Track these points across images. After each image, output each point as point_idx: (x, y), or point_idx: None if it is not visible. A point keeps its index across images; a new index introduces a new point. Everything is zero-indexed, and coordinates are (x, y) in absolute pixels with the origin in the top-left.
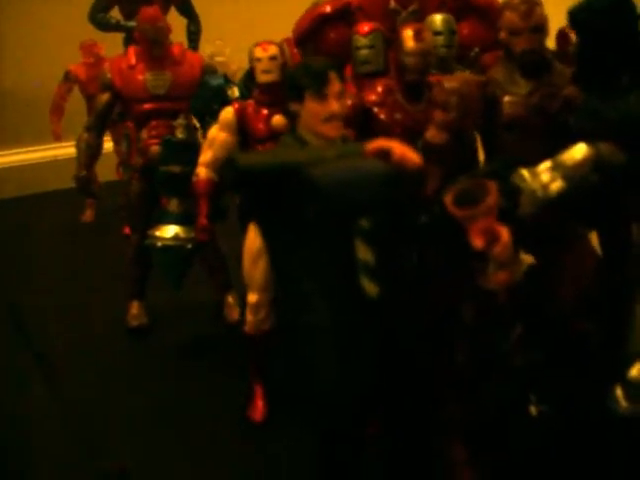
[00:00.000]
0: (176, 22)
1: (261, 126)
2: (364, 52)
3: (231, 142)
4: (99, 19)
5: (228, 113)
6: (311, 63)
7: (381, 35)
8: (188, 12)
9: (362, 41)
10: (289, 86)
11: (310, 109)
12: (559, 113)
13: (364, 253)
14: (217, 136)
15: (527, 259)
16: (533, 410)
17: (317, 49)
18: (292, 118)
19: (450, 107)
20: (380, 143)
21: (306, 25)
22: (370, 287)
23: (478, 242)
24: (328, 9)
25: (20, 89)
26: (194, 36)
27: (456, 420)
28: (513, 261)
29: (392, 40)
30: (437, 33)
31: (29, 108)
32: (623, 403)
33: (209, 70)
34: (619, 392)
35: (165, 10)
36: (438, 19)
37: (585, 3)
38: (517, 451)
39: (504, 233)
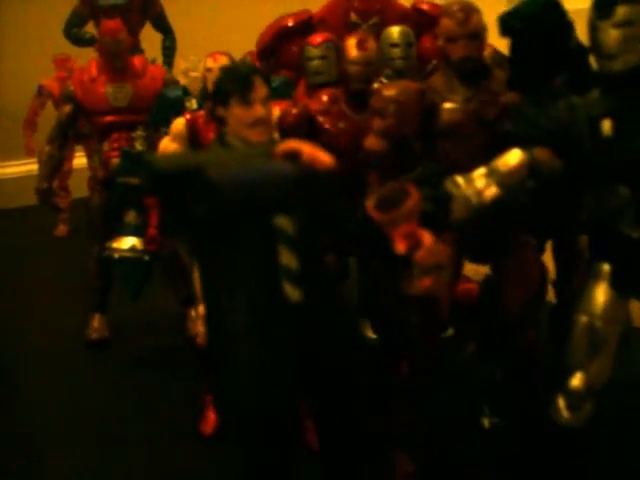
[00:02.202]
0: (153, 37)
1: (212, 136)
2: (315, 63)
3: None
4: (74, 34)
5: (179, 124)
6: (236, 68)
7: (333, 46)
8: (163, 27)
9: (314, 52)
10: (215, 92)
11: (236, 114)
12: (497, 120)
13: (287, 258)
14: (168, 147)
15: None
16: (485, 422)
17: (279, 62)
18: (220, 124)
19: (387, 114)
20: (289, 145)
21: (268, 38)
22: (292, 292)
23: (400, 247)
24: (290, 22)
25: None
26: (169, 51)
27: (402, 432)
28: (437, 267)
29: None
30: (394, 45)
31: (3, 123)
32: (564, 413)
33: (170, 83)
34: (561, 402)
35: (140, 25)
36: (395, 31)
37: (515, 9)
38: (467, 463)
39: (426, 238)
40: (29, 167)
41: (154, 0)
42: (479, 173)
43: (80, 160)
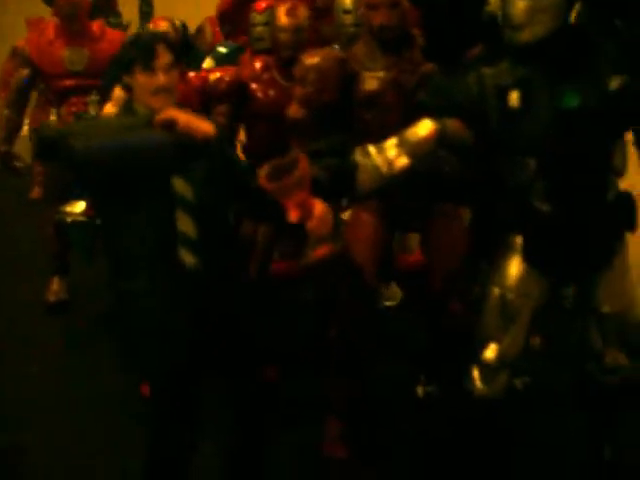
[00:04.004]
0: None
1: None
2: (259, 29)
3: None
4: None
5: (121, 91)
6: (140, 36)
7: None
8: None
9: (258, 18)
10: (120, 59)
11: (139, 82)
12: (416, 89)
13: (185, 224)
14: (110, 112)
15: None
16: (420, 390)
17: (238, 28)
18: (128, 90)
19: (307, 82)
20: (166, 114)
21: (228, 3)
22: (188, 258)
23: (292, 216)
24: None
25: None
26: (146, 15)
27: (333, 396)
28: (331, 235)
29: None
30: (346, 12)
31: None
32: (478, 384)
33: None
34: (475, 374)
35: None
36: None
37: None
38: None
39: (318, 207)
40: None
41: None
42: (390, 143)
43: None
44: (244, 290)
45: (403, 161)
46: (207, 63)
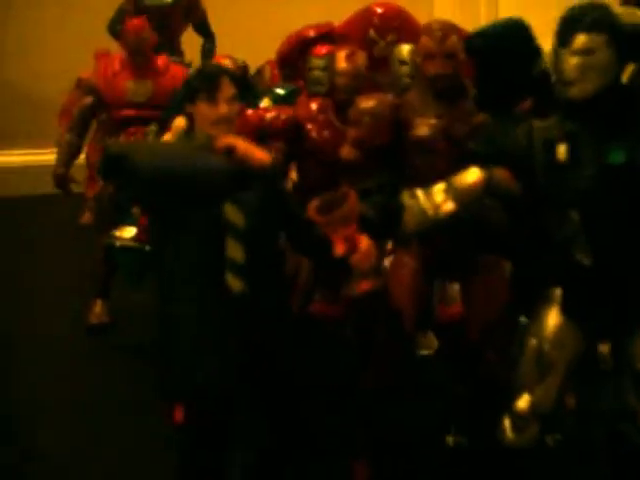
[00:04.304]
0: (193, 40)
1: None
2: (317, 73)
3: None
4: (118, 30)
5: (180, 122)
6: (205, 68)
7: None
8: (205, 31)
9: (316, 62)
10: (184, 89)
11: (201, 111)
12: (467, 138)
13: (233, 251)
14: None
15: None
16: (450, 440)
17: (296, 71)
18: (190, 120)
19: (361, 125)
20: (226, 140)
21: (289, 48)
22: (235, 283)
23: (338, 249)
24: (311, 33)
25: (30, 91)
26: (209, 53)
27: (365, 438)
28: (374, 270)
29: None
30: (402, 62)
31: (39, 111)
32: (510, 434)
33: None
34: (507, 423)
35: (183, 28)
36: (405, 49)
37: (480, 29)
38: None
39: (364, 242)
40: None
41: (197, 5)
42: (438, 188)
43: None
44: (286, 321)
45: (449, 206)
46: (264, 103)
